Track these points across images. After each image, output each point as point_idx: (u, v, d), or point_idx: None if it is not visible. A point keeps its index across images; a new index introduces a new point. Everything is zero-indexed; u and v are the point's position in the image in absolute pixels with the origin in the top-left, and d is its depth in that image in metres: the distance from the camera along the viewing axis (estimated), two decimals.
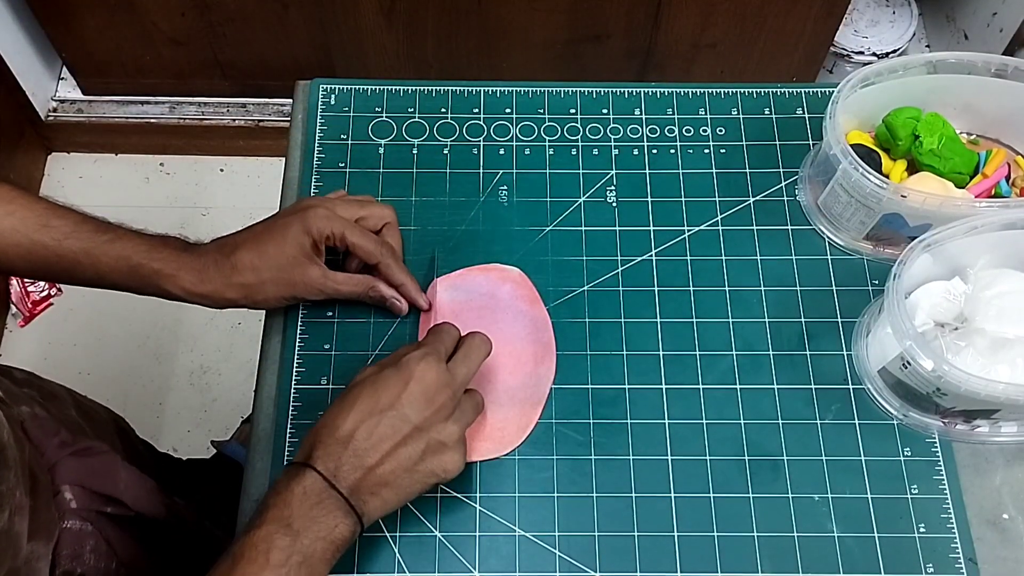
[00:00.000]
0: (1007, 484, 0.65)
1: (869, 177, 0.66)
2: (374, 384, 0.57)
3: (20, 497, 0.57)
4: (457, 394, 0.59)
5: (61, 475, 0.63)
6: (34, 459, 0.62)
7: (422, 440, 0.56)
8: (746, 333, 0.70)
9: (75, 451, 0.66)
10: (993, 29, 1.41)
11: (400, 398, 0.56)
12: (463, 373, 0.60)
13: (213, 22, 1.38)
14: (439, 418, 0.57)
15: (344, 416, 0.56)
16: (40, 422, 0.66)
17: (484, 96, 0.80)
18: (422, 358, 0.58)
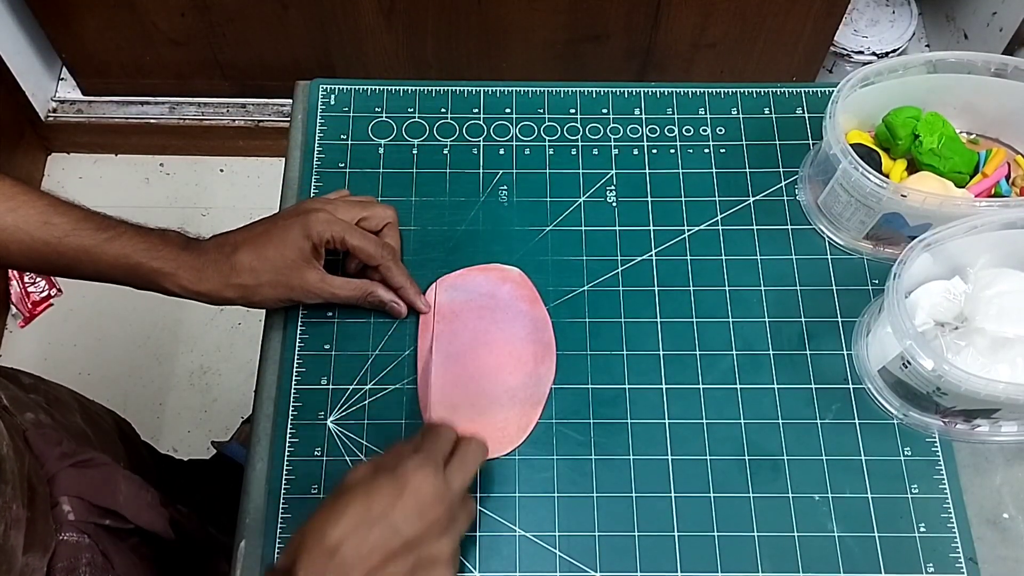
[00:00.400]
0: (1007, 483, 0.65)
1: (869, 177, 0.66)
2: (367, 491, 0.53)
3: (17, 510, 0.56)
4: (453, 507, 0.55)
5: (60, 486, 0.63)
6: (34, 470, 0.61)
7: (411, 556, 0.53)
8: (746, 333, 0.70)
9: (76, 462, 0.65)
10: (993, 28, 1.40)
11: (394, 509, 0.52)
12: (459, 482, 0.56)
13: (213, 22, 1.38)
14: (432, 533, 0.54)
15: (333, 523, 0.52)
16: (43, 431, 0.65)
17: (484, 96, 0.80)
18: (419, 467, 0.54)
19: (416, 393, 0.67)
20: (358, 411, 0.67)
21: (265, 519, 0.63)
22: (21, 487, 0.58)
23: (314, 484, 0.64)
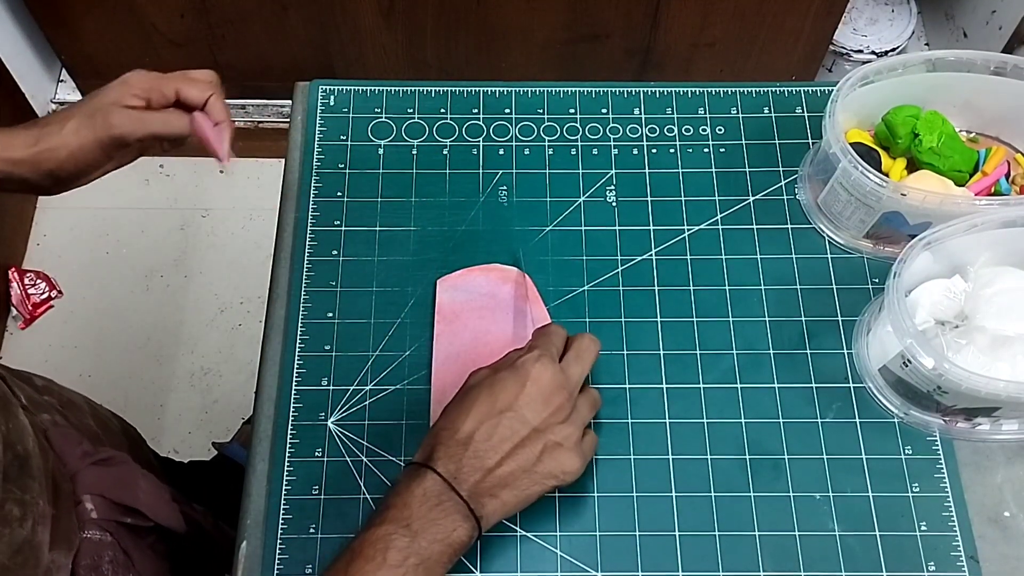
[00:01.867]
0: (1008, 482, 0.65)
1: (869, 175, 0.66)
2: (491, 386, 0.57)
3: (43, 506, 0.57)
4: (573, 395, 0.58)
5: (83, 485, 0.63)
6: (57, 468, 0.62)
7: (540, 441, 0.56)
8: (746, 332, 0.70)
9: (96, 461, 0.66)
10: (992, 27, 1.41)
11: (518, 399, 0.56)
12: (577, 373, 0.59)
13: (212, 24, 1.39)
14: (556, 419, 0.57)
15: (463, 418, 0.56)
16: (62, 431, 0.66)
17: (483, 96, 0.80)
18: (537, 359, 0.57)
19: (416, 394, 0.67)
20: (359, 412, 0.67)
21: (266, 519, 0.63)
22: (47, 484, 0.58)
23: (315, 485, 0.64)
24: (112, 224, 1.59)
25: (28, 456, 0.56)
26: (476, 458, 0.55)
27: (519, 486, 0.56)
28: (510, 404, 0.56)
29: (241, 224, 1.62)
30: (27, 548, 0.54)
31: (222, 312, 1.54)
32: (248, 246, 1.59)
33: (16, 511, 0.54)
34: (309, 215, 0.74)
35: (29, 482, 0.56)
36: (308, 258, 0.72)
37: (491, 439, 0.55)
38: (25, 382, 0.70)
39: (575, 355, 0.60)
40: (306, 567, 0.61)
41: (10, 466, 0.54)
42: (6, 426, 0.55)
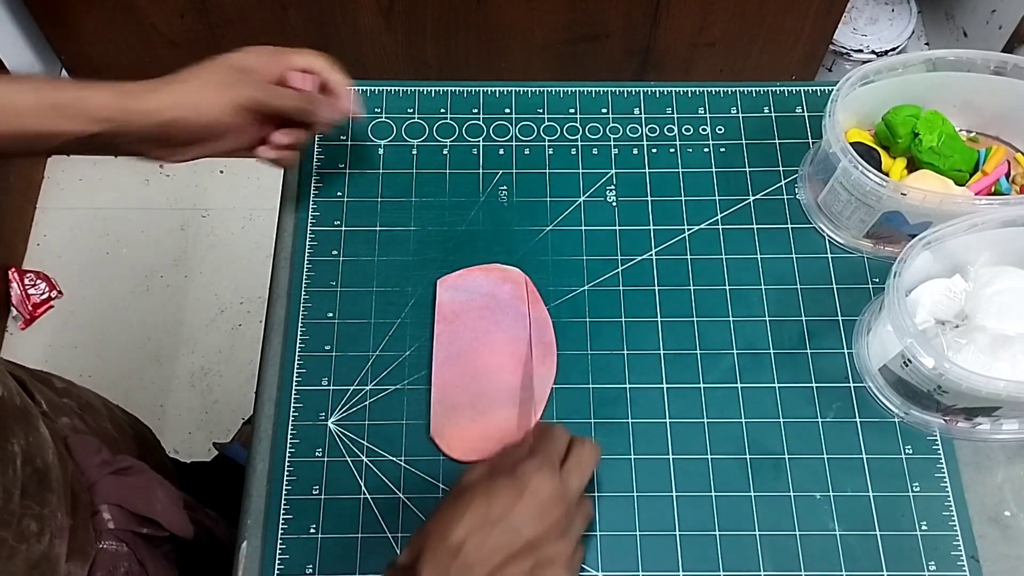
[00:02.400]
0: (1009, 481, 0.65)
1: (869, 175, 0.66)
2: (487, 492, 0.53)
3: (61, 519, 0.56)
4: (571, 509, 0.55)
5: (101, 494, 0.63)
6: (76, 478, 0.61)
7: (532, 557, 0.53)
8: (747, 332, 0.70)
9: (115, 470, 0.65)
10: (992, 26, 1.41)
11: (514, 510, 0.52)
12: (576, 485, 0.56)
13: (212, 24, 1.39)
14: (552, 534, 0.53)
15: (455, 524, 0.52)
16: (81, 439, 0.65)
17: (483, 96, 0.80)
18: (537, 469, 0.54)
19: (416, 394, 0.67)
20: (359, 412, 0.67)
21: (266, 520, 0.63)
22: (65, 495, 0.58)
23: (315, 485, 0.64)
24: (112, 224, 1.59)
25: (48, 469, 0.56)
26: (464, 569, 0.51)
27: None
28: (505, 514, 0.52)
29: (241, 224, 1.62)
30: (44, 563, 0.54)
31: (222, 312, 1.54)
32: (248, 246, 1.59)
33: (34, 526, 0.53)
34: (309, 215, 0.74)
35: (48, 496, 0.55)
36: (308, 258, 0.72)
37: (481, 550, 0.51)
38: (44, 384, 0.70)
39: (576, 464, 0.57)
40: (306, 567, 0.61)
41: (29, 481, 0.54)
42: (26, 440, 0.55)
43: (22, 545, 0.52)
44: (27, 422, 0.56)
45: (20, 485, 0.52)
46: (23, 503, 0.52)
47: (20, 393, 0.59)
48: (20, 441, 0.54)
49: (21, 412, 0.56)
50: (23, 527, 0.52)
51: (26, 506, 0.53)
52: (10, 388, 0.56)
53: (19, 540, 0.52)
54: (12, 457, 0.52)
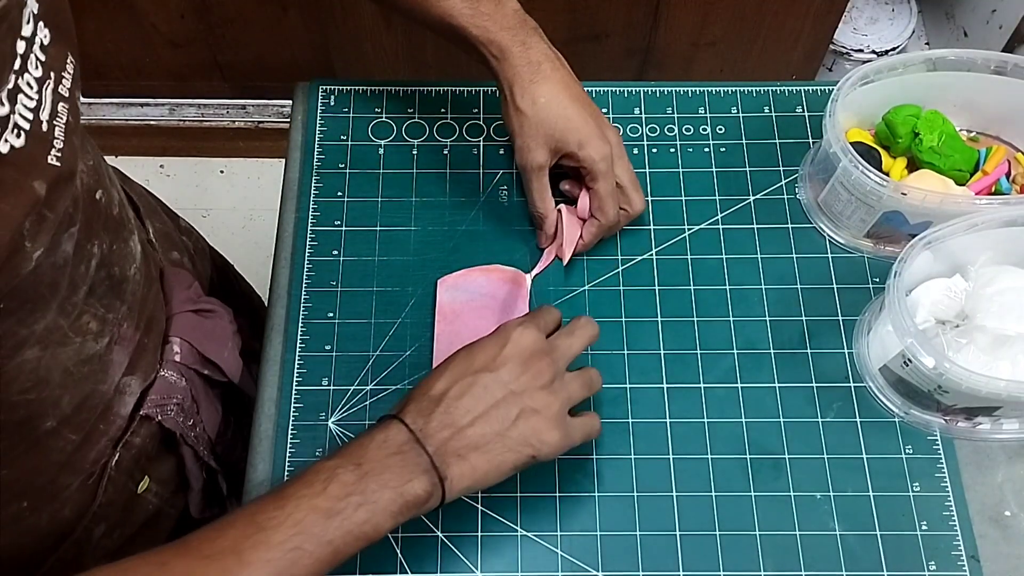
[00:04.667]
0: (1009, 481, 0.65)
1: (869, 175, 0.66)
2: (470, 348, 0.56)
3: (127, 329, 0.58)
4: (556, 364, 0.57)
5: (176, 327, 0.65)
6: (157, 303, 0.64)
7: (516, 405, 0.54)
8: (747, 331, 0.70)
9: (198, 309, 0.68)
10: (992, 26, 1.40)
11: (495, 360, 0.55)
12: (564, 345, 0.58)
13: (212, 24, 1.39)
14: (535, 384, 0.55)
15: (438, 376, 0.55)
16: (176, 271, 0.68)
17: (484, 96, 0.80)
18: (519, 324, 0.57)
19: None
20: (359, 412, 0.67)
21: None
22: (140, 312, 0.60)
23: None
24: None
25: (123, 280, 0.57)
26: (447, 414, 0.53)
27: (491, 450, 0.53)
28: (487, 364, 0.55)
29: (241, 224, 1.62)
30: (96, 361, 0.56)
31: None
32: (248, 246, 1.59)
33: (94, 325, 0.55)
34: (309, 215, 0.74)
35: (116, 304, 0.56)
36: (308, 258, 0.72)
37: (463, 397, 0.54)
38: (169, 216, 0.74)
39: (567, 331, 0.59)
40: None
41: (100, 283, 0.55)
42: (108, 247, 0.56)
43: (77, 338, 0.54)
44: (115, 233, 0.58)
45: (89, 283, 0.53)
46: (87, 300, 0.54)
47: (123, 206, 0.60)
48: (102, 245, 0.55)
49: (114, 222, 0.58)
50: (82, 322, 0.54)
51: (90, 304, 0.54)
52: (112, 198, 0.58)
53: (75, 332, 0.53)
54: (89, 256, 0.53)
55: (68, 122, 0.47)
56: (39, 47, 0.44)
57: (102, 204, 0.56)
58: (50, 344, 0.51)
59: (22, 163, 0.43)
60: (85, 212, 0.52)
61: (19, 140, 0.42)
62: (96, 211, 0.54)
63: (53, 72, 0.46)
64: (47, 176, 0.45)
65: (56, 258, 0.49)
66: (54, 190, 0.46)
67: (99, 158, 0.59)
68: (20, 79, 0.42)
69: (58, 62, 0.46)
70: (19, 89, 0.42)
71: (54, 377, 0.53)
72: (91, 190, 0.54)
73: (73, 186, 0.49)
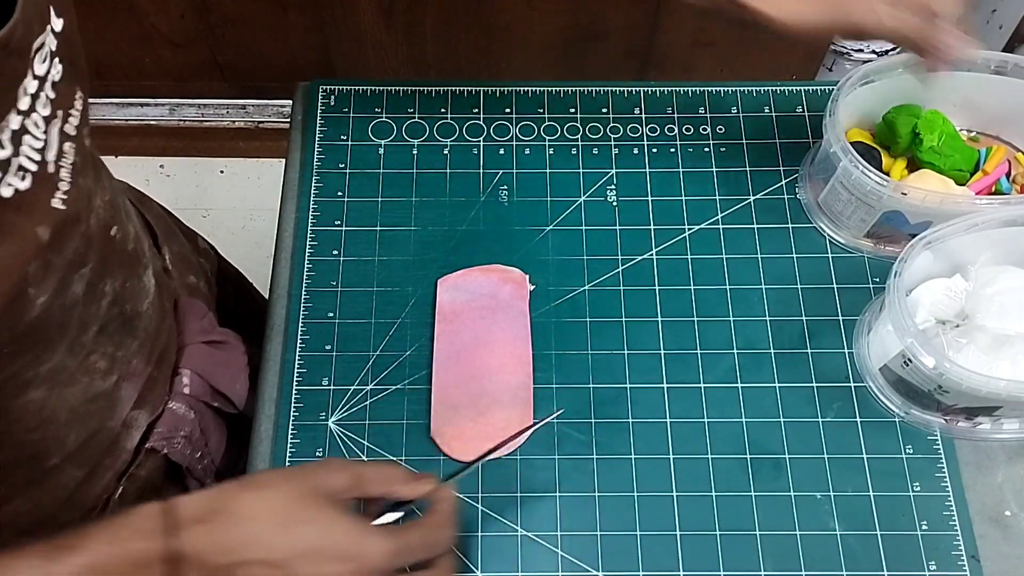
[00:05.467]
0: (1009, 481, 0.65)
1: (869, 175, 0.66)
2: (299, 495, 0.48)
3: (137, 364, 0.57)
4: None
5: (188, 358, 0.65)
6: (171, 335, 0.63)
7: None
8: (747, 331, 0.70)
9: (210, 341, 0.67)
10: (992, 26, 1.40)
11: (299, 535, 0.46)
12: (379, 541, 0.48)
13: (212, 24, 1.39)
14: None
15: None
16: (192, 302, 0.67)
17: (484, 96, 0.80)
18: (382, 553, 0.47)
19: (417, 394, 0.67)
20: (359, 412, 0.67)
21: None
22: (152, 347, 0.59)
23: None
24: None
25: (135, 317, 0.57)
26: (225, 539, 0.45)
27: None
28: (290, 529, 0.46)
29: (241, 224, 1.62)
30: (104, 399, 0.55)
31: None
32: (248, 246, 1.59)
33: (102, 364, 0.54)
34: (310, 215, 0.74)
35: (127, 340, 0.56)
36: (309, 258, 0.72)
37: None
38: (188, 238, 0.73)
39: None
40: None
41: (111, 321, 0.54)
42: (122, 285, 0.55)
43: (84, 377, 0.53)
44: (130, 269, 0.57)
45: (100, 323, 0.53)
46: (97, 339, 0.53)
47: (138, 239, 0.60)
48: (115, 283, 0.54)
49: (128, 258, 0.57)
50: (90, 362, 0.53)
51: (100, 343, 0.53)
52: (127, 234, 0.57)
53: (83, 372, 0.53)
54: (101, 295, 0.53)
55: (75, 163, 0.45)
56: (51, 84, 0.42)
57: (117, 240, 0.55)
58: (57, 384, 0.50)
59: (25, 207, 0.41)
60: (99, 251, 0.51)
61: (24, 183, 0.40)
62: (111, 248, 0.53)
63: (61, 110, 0.44)
64: (51, 220, 0.43)
65: (65, 300, 0.48)
66: (60, 234, 0.44)
67: (116, 192, 0.57)
68: (27, 119, 0.40)
69: (67, 100, 0.44)
70: (25, 130, 0.40)
71: (60, 416, 0.52)
72: (106, 226, 0.53)
73: (80, 228, 0.48)
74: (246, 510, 0.46)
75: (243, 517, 0.46)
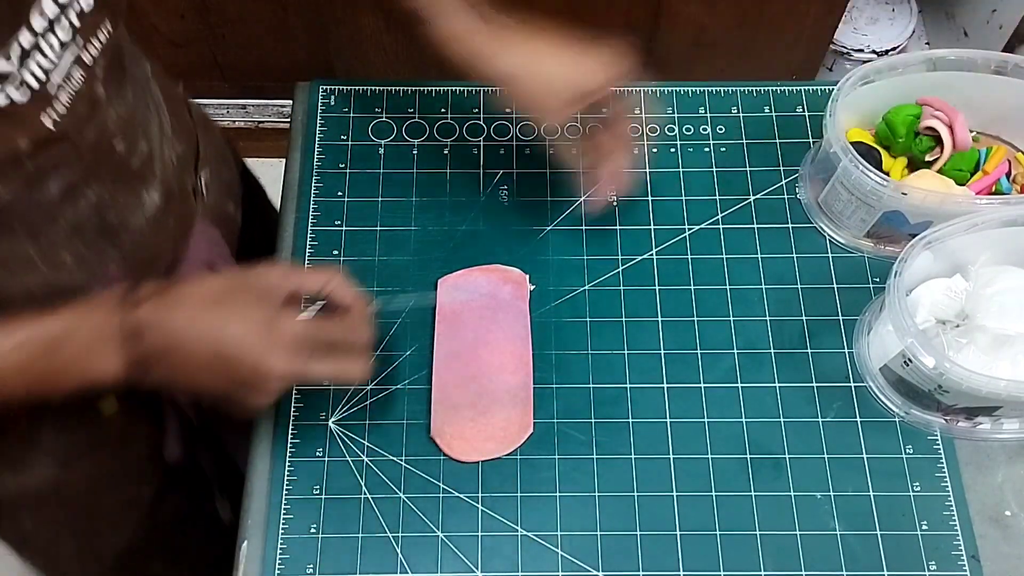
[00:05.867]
0: (1009, 481, 0.65)
1: (869, 175, 0.66)
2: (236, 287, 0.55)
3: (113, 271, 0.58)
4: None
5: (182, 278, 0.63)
6: (165, 252, 0.63)
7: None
8: (747, 331, 0.69)
9: (211, 266, 0.67)
10: (993, 26, 1.40)
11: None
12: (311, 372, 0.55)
13: (213, 24, 1.38)
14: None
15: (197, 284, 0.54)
16: (209, 230, 0.68)
17: (484, 96, 0.80)
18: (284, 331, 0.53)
19: (416, 394, 0.67)
20: (359, 412, 0.67)
21: (267, 519, 0.63)
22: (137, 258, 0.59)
23: (315, 485, 0.64)
24: None
25: (121, 227, 0.57)
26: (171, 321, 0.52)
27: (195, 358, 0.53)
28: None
29: None
30: (67, 293, 0.55)
31: None
32: None
33: (70, 260, 0.55)
34: (310, 215, 0.74)
35: (105, 246, 0.57)
36: (309, 258, 0.72)
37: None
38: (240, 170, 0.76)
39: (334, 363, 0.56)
40: (307, 567, 0.61)
41: (88, 225, 0.55)
42: (111, 195, 0.56)
43: (47, 269, 0.54)
44: (126, 183, 0.57)
45: (74, 223, 0.54)
46: (70, 238, 0.54)
47: (150, 159, 0.59)
48: (103, 192, 0.55)
49: (128, 172, 0.57)
50: (58, 256, 0.54)
51: (72, 243, 0.54)
52: (137, 150, 0.57)
53: (47, 264, 0.54)
54: (81, 198, 0.54)
55: (80, 91, 0.47)
56: (76, 13, 0.45)
57: (119, 153, 0.55)
58: (15, 269, 0.52)
59: (16, 118, 0.43)
60: (90, 160, 0.52)
61: (21, 96, 0.43)
62: (107, 159, 0.54)
63: (81, 38, 0.46)
64: (36, 135, 0.45)
65: (39, 196, 0.50)
66: (41, 148, 0.46)
67: (151, 111, 0.58)
68: (42, 39, 0.43)
69: (90, 30, 0.47)
70: (38, 48, 0.43)
71: (16, 299, 0.53)
72: (111, 137, 0.54)
73: (66, 145, 0.50)
74: (188, 293, 0.53)
75: (187, 297, 0.53)
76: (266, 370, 0.53)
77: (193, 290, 0.54)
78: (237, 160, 0.77)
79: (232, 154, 0.77)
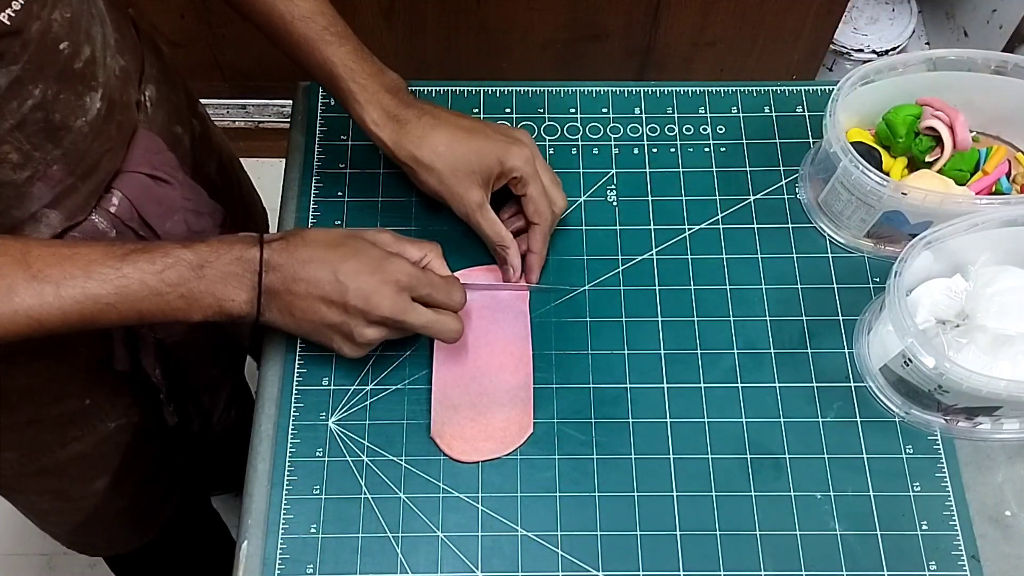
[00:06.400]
0: (1009, 481, 0.65)
1: (869, 175, 0.66)
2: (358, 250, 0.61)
3: (56, 171, 0.58)
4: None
5: (122, 182, 0.65)
6: (104, 156, 0.62)
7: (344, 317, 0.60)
8: (747, 331, 0.70)
9: (152, 174, 0.67)
10: (993, 26, 1.41)
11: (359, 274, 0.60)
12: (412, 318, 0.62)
13: (213, 24, 1.38)
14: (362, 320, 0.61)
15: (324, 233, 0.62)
16: (152, 137, 0.67)
17: (484, 96, 0.80)
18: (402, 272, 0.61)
19: (416, 394, 0.67)
20: (359, 411, 0.67)
21: (267, 519, 0.63)
22: (79, 161, 0.60)
23: (315, 485, 0.64)
24: None
25: (64, 128, 0.58)
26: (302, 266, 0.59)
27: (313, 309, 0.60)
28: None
29: None
30: (11, 188, 0.57)
31: None
32: None
33: (14, 156, 0.56)
34: (310, 215, 0.74)
35: (48, 146, 0.57)
36: None
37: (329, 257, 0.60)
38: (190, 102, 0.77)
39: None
40: (307, 567, 0.61)
41: (32, 123, 0.55)
42: (55, 95, 0.56)
43: None
44: (70, 84, 0.58)
45: (18, 119, 0.54)
46: (13, 133, 0.55)
47: (93, 63, 0.59)
48: (47, 91, 0.56)
49: (72, 74, 0.58)
50: (3, 151, 0.55)
51: (15, 138, 0.55)
52: (80, 54, 0.58)
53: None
54: (27, 95, 0.54)
55: None
56: None
57: (64, 54, 0.56)
58: None
59: None
60: (36, 58, 0.53)
61: None
62: (53, 59, 0.55)
63: None
64: None
65: None
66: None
67: (95, 20, 0.59)
68: None
69: None
70: None
71: None
72: (57, 40, 0.55)
73: (18, 40, 0.51)
74: (311, 238, 0.61)
75: (310, 239, 0.61)
76: (376, 302, 0.60)
77: (315, 235, 0.61)
78: (188, 96, 0.78)
79: (184, 90, 0.77)
